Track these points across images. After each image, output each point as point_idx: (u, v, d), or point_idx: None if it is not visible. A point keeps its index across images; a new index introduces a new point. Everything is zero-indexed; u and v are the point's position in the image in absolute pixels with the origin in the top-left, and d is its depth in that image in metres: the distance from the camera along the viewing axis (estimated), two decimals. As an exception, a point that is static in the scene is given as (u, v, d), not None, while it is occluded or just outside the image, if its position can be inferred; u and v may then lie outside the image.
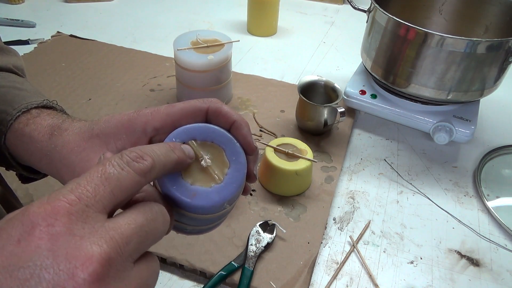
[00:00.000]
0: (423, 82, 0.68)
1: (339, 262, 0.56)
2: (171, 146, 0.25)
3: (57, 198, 0.19)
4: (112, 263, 0.18)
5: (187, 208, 0.27)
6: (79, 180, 0.20)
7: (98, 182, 0.20)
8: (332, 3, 1.29)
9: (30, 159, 0.33)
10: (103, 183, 0.20)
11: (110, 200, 0.20)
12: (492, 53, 0.63)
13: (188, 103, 0.30)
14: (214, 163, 0.28)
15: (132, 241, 0.20)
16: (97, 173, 0.20)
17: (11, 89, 0.36)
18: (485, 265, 0.57)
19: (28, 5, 1.19)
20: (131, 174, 0.21)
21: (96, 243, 0.18)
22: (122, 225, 0.20)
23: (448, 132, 0.70)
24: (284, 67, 0.97)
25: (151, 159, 0.23)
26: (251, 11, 1.07)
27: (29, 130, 0.32)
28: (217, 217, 0.30)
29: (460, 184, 0.69)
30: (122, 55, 0.97)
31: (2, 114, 0.33)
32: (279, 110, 0.81)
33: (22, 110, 0.33)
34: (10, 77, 0.38)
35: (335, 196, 0.66)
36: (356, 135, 0.78)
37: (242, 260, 0.54)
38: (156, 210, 0.22)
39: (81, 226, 0.19)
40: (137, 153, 0.22)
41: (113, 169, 0.21)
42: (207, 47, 0.76)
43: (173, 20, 1.16)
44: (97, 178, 0.20)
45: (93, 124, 0.31)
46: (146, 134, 0.30)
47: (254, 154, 0.31)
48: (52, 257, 0.17)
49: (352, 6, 0.78)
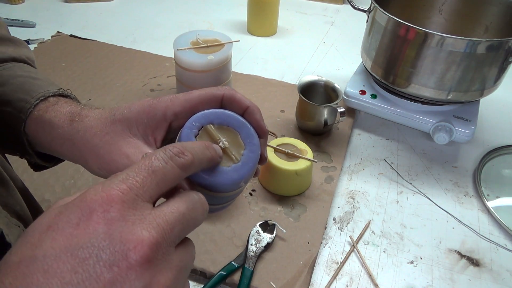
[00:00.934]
0: (423, 82, 0.68)
1: (339, 262, 0.56)
2: (206, 145, 0.27)
3: (111, 187, 0.21)
4: (159, 247, 0.20)
5: (210, 186, 0.29)
6: (129, 171, 0.22)
7: (145, 174, 0.22)
8: (332, 3, 1.29)
9: (51, 145, 0.34)
10: (150, 175, 0.22)
11: (156, 191, 0.22)
12: (492, 53, 0.63)
13: (204, 90, 0.32)
14: (230, 145, 0.31)
15: (175, 228, 0.22)
16: (144, 166, 0.22)
17: (28, 78, 0.37)
18: (485, 265, 0.57)
19: (28, 5, 1.19)
20: (174, 168, 0.23)
21: (146, 229, 0.20)
22: (167, 213, 0.22)
23: (448, 132, 0.70)
24: (284, 67, 0.97)
25: (191, 154, 0.25)
26: (251, 11, 1.07)
27: (49, 117, 0.34)
28: (232, 195, 0.32)
29: (460, 184, 0.69)
30: (122, 55, 0.97)
31: (21, 103, 0.34)
32: (279, 110, 0.81)
33: (40, 98, 0.35)
34: (25, 67, 0.40)
35: (335, 196, 0.66)
36: (356, 135, 0.78)
37: (242, 260, 0.54)
38: (196, 199, 0.24)
39: (132, 213, 0.21)
40: (179, 148, 0.24)
41: (158, 163, 0.23)
42: (207, 47, 0.76)
43: (173, 20, 1.16)
44: (145, 170, 0.22)
45: (113, 111, 0.33)
46: (166, 119, 0.32)
47: (265, 137, 0.34)
48: (108, 239, 0.19)
49: (352, 6, 0.78)
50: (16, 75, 0.37)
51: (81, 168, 0.65)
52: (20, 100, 0.34)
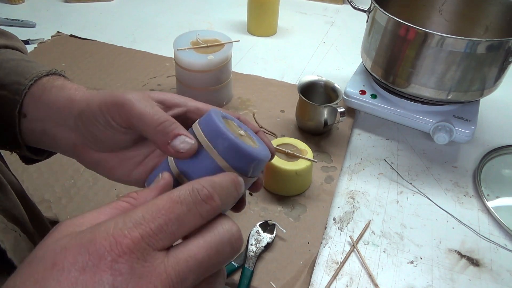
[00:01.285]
0: (423, 82, 0.68)
1: (339, 262, 0.56)
2: (235, 181, 0.24)
3: (123, 234, 0.19)
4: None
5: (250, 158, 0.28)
6: (145, 212, 0.20)
7: (162, 221, 0.20)
8: (332, 3, 1.29)
9: (51, 123, 0.34)
10: (167, 223, 0.20)
11: (170, 240, 0.20)
12: (492, 53, 0.63)
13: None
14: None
15: (188, 279, 0.20)
16: (164, 210, 0.20)
17: (21, 61, 0.37)
18: (485, 265, 0.57)
19: (28, 5, 1.19)
20: (197, 217, 0.21)
21: (153, 284, 0.19)
22: (181, 262, 0.20)
23: (448, 132, 0.70)
24: (284, 67, 0.97)
25: (219, 199, 0.22)
26: (251, 11, 1.07)
27: (48, 96, 0.34)
28: (251, 182, 0.31)
29: (460, 184, 0.69)
30: (122, 55, 0.97)
31: (15, 85, 0.35)
32: (279, 110, 0.81)
33: (34, 79, 0.35)
34: (17, 53, 0.40)
35: (335, 196, 0.66)
36: (356, 135, 0.78)
37: (242, 260, 0.54)
38: (223, 233, 0.22)
39: (141, 265, 0.19)
40: (208, 191, 0.22)
41: (180, 209, 0.21)
42: (207, 47, 0.76)
43: (173, 20, 1.16)
44: (163, 216, 0.20)
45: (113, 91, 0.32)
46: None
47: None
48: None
49: (352, 6, 0.78)
50: (8, 59, 0.37)
51: (81, 168, 0.65)
52: (14, 83, 0.35)
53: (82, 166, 0.36)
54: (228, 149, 0.27)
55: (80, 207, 0.59)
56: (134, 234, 0.19)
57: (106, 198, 0.60)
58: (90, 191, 0.62)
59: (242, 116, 0.34)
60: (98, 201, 0.60)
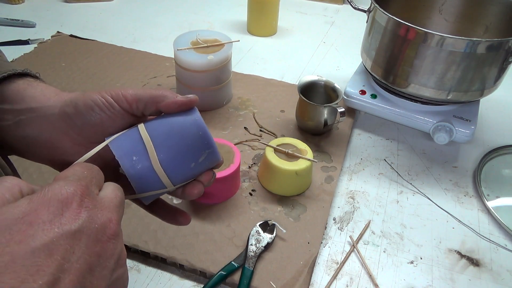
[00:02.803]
0: (423, 82, 0.68)
1: (339, 262, 0.56)
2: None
3: (78, 184, 0.26)
4: (119, 224, 0.27)
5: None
6: (78, 172, 0.28)
7: (90, 173, 0.28)
8: (332, 3, 1.29)
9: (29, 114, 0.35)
10: (93, 174, 0.29)
11: (98, 188, 0.29)
12: (492, 53, 0.63)
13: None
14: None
15: (121, 210, 0.29)
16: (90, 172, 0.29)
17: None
18: (485, 265, 0.57)
19: (28, 5, 1.19)
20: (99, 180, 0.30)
21: (111, 212, 0.27)
22: (113, 198, 0.28)
23: (448, 132, 0.70)
24: (284, 67, 0.97)
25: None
26: (251, 11, 1.08)
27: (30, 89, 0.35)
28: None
29: (460, 184, 0.69)
30: (122, 55, 0.97)
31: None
32: (279, 110, 0.81)
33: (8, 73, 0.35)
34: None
35: (335, 196, 0.66)
36: (356, 135, 0.78)
37: (242, 260, 0.54)
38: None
39: (95, 201, 0.26)
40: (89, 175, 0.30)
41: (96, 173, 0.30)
42: (207, 47, 0.76)
43: (173, 20, 1.16)
44: (89, 176, 0.28)
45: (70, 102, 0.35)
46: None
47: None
48: (91, 222, 0.25)
49: (352, 6, 0.78)
50: None
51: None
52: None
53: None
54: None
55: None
56: (83, 183, 0.26)
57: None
58: (90, 191, 0.62)
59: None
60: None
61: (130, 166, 0.33)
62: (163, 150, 0.33)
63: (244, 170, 0.67)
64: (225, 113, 0.80)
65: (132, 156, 0.33)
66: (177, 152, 0.34)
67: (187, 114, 0.35)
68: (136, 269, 0.55)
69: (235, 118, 0.79)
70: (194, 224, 0.58)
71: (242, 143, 0.73)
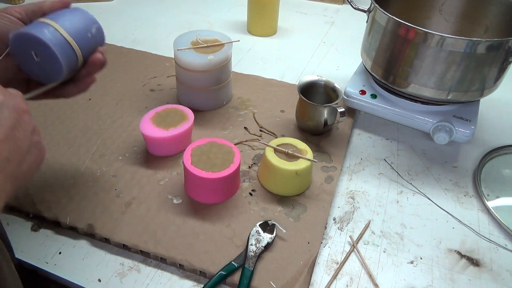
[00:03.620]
0: (423, 82, 0.68)
1: (339, 262, 0.56)
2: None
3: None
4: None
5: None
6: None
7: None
8: (332, 3, 1.29)
9: None
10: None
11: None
12: (492, 53, 0.63)
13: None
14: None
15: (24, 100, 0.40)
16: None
17: None
18: (485, 265, 0.57)
19: (28, 5, 1.19)
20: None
21: (18, 97, 0.38)
22: (17, 91, 0.38)
23: (448, 132, 0.70)
24: (284, 67, 0.98)
25: None
26: (251, 11, 1.08)
27: None
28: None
29: (460, 184, 0.69)
30: (122, 55, 0.97)
31: None
32: (279, 110, 0.81)
33: None
34: None
35: (335, 196, 0.66)
36: (356, 135, 0.79)
37: (242, 260, 0.54)
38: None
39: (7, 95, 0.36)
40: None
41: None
42: (207, 47, 0.76)
43: (173, 20, 1.16)
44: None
45: None
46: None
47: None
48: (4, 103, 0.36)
49: (352, 6, 0.78)
50: None
51: (81, 168, 0.65)
52: None
53: (82, 166, 0.36)
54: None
55: (80, 207, 0.59)
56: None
57: (106, 198, 0.60)
58: (90, 191, 0.62)
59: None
60: (98, 201, 0.60)
61: (48, 39, 0.44)
62: (64, 24, 0.46)
63: (244, 170, 0.67)
64: (225, 113, 0.80)
65: (43, 30, 0.44)
66: (75, 23, 0.48)
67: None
68: (136, 269, 0.55)
69: (235, 118, 0.79)
70: (194, 224, 0.58)
71: (242, 143, 0.73)
